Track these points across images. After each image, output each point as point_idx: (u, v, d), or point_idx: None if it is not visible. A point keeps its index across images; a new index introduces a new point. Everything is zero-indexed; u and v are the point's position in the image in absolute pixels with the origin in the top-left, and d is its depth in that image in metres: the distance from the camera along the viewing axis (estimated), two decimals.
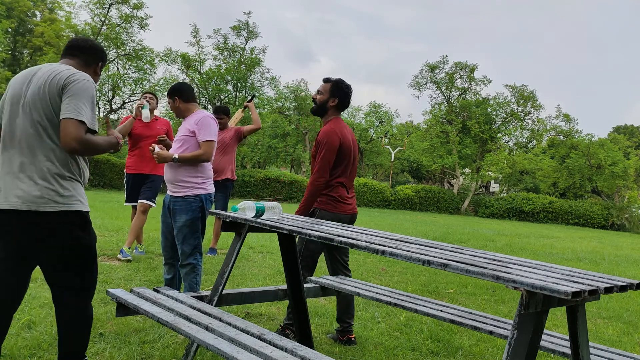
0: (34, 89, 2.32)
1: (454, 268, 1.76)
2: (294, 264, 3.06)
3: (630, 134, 50.57)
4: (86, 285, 2.42)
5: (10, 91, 2.40)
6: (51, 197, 2.25)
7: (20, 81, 2.39)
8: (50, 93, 2.27)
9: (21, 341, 2.92)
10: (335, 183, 3.45)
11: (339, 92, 3.52)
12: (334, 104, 3.53)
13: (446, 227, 15.08)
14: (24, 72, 2.47)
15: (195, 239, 3.67)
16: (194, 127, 3.65)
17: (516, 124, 28.30)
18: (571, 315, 1.89)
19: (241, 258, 6.40)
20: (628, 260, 10.07)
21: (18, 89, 2.37)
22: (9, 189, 2.27)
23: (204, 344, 2.06)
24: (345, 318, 3.54)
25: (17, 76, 2.46)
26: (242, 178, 23.20)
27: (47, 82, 2.28)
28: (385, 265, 6.83)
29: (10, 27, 27.34)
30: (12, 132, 2.33)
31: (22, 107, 2.32)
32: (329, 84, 3.54)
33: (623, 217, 23.58)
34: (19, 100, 2.34)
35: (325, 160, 3.37)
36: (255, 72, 26.22)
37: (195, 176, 3.67)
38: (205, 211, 3.70)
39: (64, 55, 2.54)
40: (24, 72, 2.46)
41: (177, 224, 3.64)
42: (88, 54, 2.54)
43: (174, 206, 3.66)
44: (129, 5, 23.34)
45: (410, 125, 43.33)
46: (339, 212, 3.46)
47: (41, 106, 2.27)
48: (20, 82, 2.39)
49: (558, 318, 4.66)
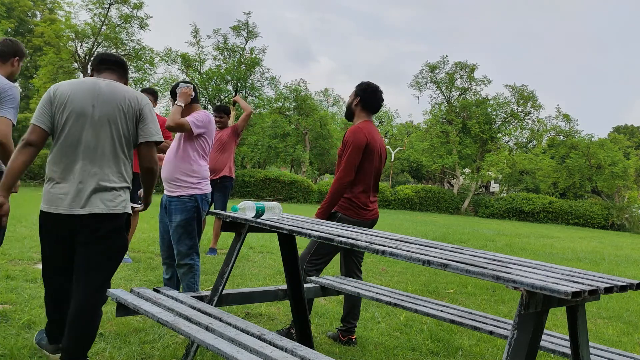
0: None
1: (454, 268, 1.76)
2: (294, 264, 3.05)
3: (630, 134, 50.56)
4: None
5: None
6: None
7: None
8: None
9: (21, 341, 2.92)
10: (359, 186, 3.41)
11: (362, 92, 3.52)
12: (358, 104, 3.53)
13: (446, 227, 15.08)
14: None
15: (191, 239, 3.67)
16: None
17: (516, 124, 28.32)
18: (571, 315, 1.89)
19: (241, 258, 6.40)
20: (628, 260, 10.07)
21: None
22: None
23: (204, 344, 2.06)
24: (350, 319, 3.54)
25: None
26: (242, 178, 23.19)
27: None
28: (385, 265, 6.83)
29: (10, 27, 27.37)
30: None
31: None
32: (355, 88, 3.58)
33: (623, 217, 23.58)
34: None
35: (351, 158, 3.33)
36: (255, 72, 26.21)
37: (190, 176, 3.67)
38: (200, 211, 3.70)
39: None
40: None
41: (173, 223, 3.66)
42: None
43: (170, 206, 3.68)
44: (129, 5, 23.35)
45: (410, 125, 43.36)
46: (361, 219, 3.42)
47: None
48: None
49: (558, 318, 4.66)
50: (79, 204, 2.45)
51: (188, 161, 3.67)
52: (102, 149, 2.51)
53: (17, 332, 3.07)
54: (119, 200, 2.55)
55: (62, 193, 2.46)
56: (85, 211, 2.45)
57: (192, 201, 3.65)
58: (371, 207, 3.50)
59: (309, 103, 30.71)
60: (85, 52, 23.33)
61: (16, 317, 3.34)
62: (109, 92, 2.55)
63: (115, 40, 23.10)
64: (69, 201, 2.45)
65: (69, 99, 2.50)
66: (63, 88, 2.53)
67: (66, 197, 2.46)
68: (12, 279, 4.33)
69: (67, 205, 2.45)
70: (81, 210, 2.45)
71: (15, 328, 3.13)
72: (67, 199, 2.45)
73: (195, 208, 3.66)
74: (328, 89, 46.12)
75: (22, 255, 5.37)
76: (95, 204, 2.46)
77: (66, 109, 2.49)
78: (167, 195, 3.71)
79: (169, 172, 3.69)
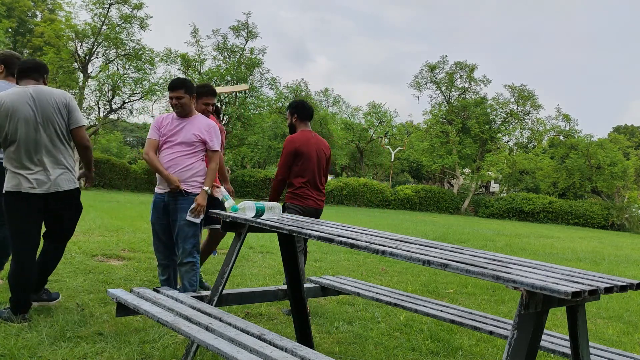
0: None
1: (454, 268, 1.76)
2: (294, 264, 3.05)
3: (630, 134, 50.54)
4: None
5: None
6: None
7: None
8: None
9: (21, 341, 2.92)
10: (298, 179, 4.14)
11: (295, 109, 4.32)
12: (296, 119, 4.32)
13: (446, 227, 15.08)
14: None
15: (196, 237, 3.75)
16: (205, 134, 3.77)
17: (516, 124, 28.31)
18: (571, 315, 1.89)
19: (241, 258, 6.40)
20: (628, 260, 10.07)
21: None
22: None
23: (204, 344, 2.06)
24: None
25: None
26: (242, 178, 23.21)
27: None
28: (385, 265, 6.83)
29: (10, 26, 27.37)
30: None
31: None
32: (288, 109, 4.38)
33: (623, 217, 23.59)
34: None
35: (281, 161, 4.18)
36: (254, 73, 26.19)
37: (202, 176, 3.80)
38: (204, 211, 3.75)
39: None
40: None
41: (179, 222, 3.68)
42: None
43: (177, 205, 3.70)
44: (129, 6, 23.33)
45: (410, 125, 43.35)
46: (303, 205, 4.12)
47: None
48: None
49: (558, 318, 4.66)
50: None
51: (201, 163, 3.81)
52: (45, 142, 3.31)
53: (17, 332, 3.07)
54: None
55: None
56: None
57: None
58: (313, 196, 4.18)
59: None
60: (85, 52, 23.31)
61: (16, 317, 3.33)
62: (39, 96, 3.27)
63: (116, 40, 23.07)
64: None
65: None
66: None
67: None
68: None
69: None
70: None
71: (15, 328, 3.13)
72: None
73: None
74: (328, 89, 46.06)
75: None
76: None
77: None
78: (168, 195, 3.72)
79: (183, 172, 3.74)
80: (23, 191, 3.25)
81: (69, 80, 22.40)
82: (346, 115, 39.99)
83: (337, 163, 33.23)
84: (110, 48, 23.48)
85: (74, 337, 3.07)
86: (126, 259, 5.71)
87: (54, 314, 3.47)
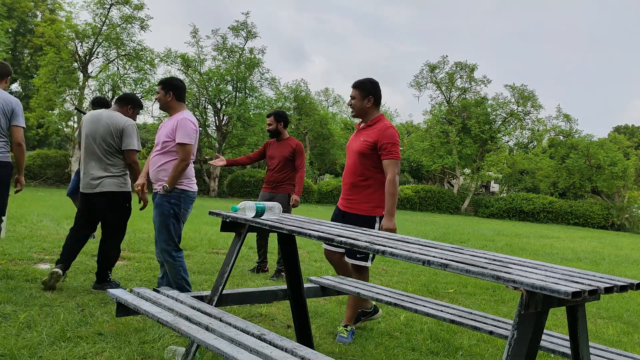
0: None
1: (454, 268, 1.76)
2: (294, 264, 3.05)
3: (630, 134, 50.53)
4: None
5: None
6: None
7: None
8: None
9: (21, 341, 2.92)
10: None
11: (282, 117, 4.54)
12: (282, 126, 4.83)
13: (446, 227, 15.08)
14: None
15: (168, 234, 3.74)
16: (174, 132, 3.75)
17: (516, 124, 28.30)
18: (571, 315, 1.89)
19: (241, 258, 6.40)
20: (628, 260, 10.07)
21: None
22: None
23: (204, 344, 2.06)
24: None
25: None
26: (242, 178, 23.19)
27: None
28: (385, 265, 6.83)
29: (11, 27, 27.36)
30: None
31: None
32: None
33: (623, 217, 23.58)
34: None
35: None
36: (254, 73, 26.16)
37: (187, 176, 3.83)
38: (179, 208, 3.77)
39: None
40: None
41: (155, 219, 3.78)
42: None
43: (154, 202, 3.81)
44: (130, 6, 23.32)
45: (410, 125, 43.33)
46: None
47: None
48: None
49: (558, 318, 4.66)
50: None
51: (173, 162, 3.80)
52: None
53: (17, 332, 3.07)
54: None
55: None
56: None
57: (173, 197, 3.82)
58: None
59: (309, 103, 30.65)
60: (86, 52, 23.29)
61: (16, 317, 3.34)
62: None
63: (116, 40, 23.06)
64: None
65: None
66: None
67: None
68: (12, 279, 4.33)
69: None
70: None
71: (15, 328, 3.13)
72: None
73: (174, 204, 3.80)
74: (328, 88, 46.07)
75: (22, 255, 5.37)
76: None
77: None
78: (153, 193, 3.83)
79: (154, 173, 3.82)
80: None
81: (69, 80, 22.37)
82: (346, 115, 39.97)
83: (337, 163, 33.18)
84: (110, 48, 23.47)
85: (74, 337, 3.07)
86: (126, 259, 5.71)
87: (54, 314, 3.47)
